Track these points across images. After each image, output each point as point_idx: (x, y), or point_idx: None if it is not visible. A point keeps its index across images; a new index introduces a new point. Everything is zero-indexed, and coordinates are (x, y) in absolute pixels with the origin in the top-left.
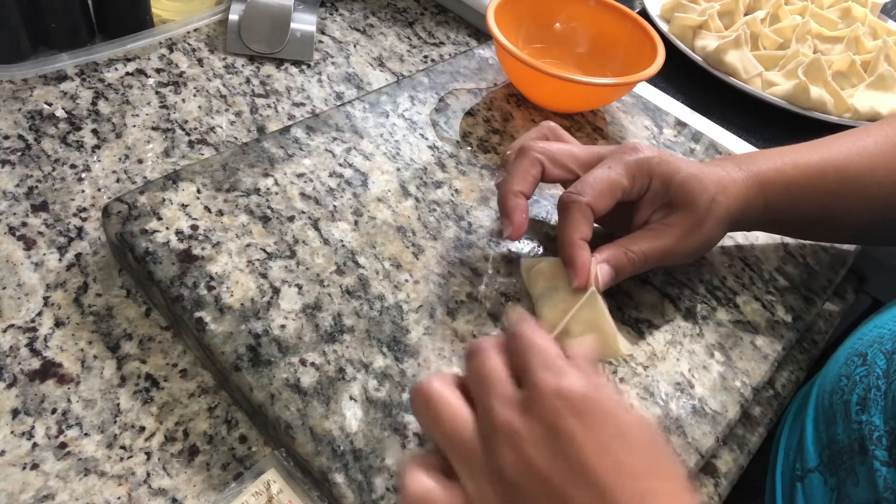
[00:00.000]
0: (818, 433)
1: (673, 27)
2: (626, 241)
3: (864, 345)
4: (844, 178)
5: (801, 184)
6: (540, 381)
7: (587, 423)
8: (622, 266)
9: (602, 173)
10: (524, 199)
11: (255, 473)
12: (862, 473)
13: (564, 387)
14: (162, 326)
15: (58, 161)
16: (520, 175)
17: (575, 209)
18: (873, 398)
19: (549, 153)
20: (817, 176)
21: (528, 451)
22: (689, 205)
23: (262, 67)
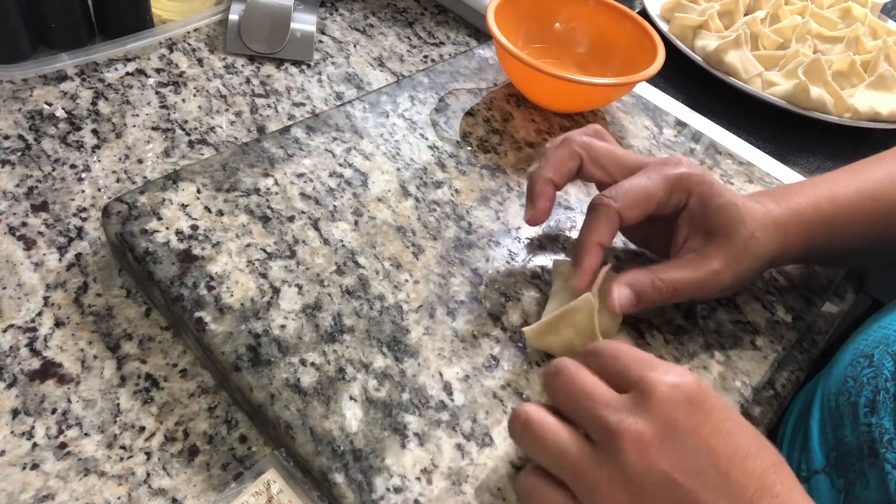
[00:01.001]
0: (824, 435)
1: (673, 27)
2: (658, 268)
3: (870, 346)
4: (882, 207)
5: (839, 218)
6: (650, 378)
7: (703, 413)
8: (646, 292)
9: (639, 181)
10: (553, 187)
11: (255, 473)
12: (872, 476)
13: (678, 381)
14: (162, 326)
15: (58, 161)
16: (555, 163)
17: (602, 212)
18: (882, 401)
19: (591, 150)
20: (855, 208)
21: (652, 450)
22: (727, 236)
23: (262, 67)
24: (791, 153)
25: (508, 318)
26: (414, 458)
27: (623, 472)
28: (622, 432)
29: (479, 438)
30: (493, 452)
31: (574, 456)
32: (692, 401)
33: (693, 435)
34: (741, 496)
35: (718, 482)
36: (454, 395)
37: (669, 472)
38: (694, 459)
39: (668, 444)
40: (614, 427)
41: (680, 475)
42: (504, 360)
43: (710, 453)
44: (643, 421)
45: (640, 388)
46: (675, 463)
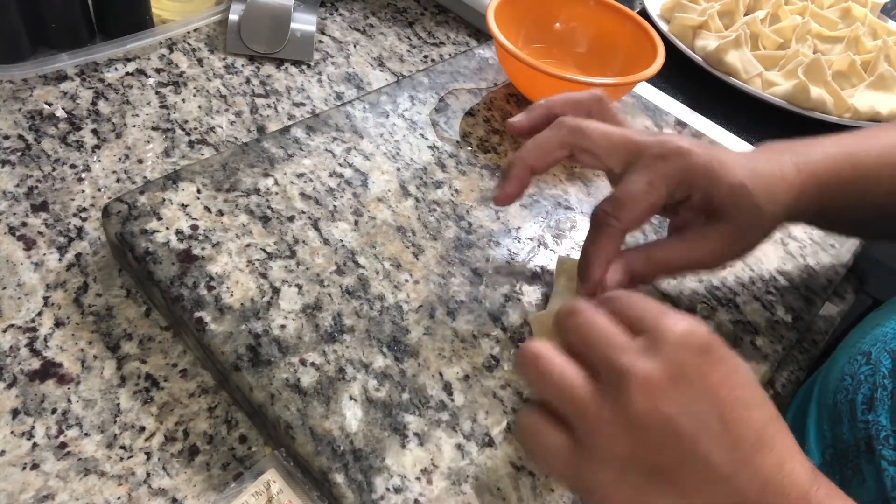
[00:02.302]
0: (821, 432)
1: (673, 27)
2: (653, 251)
3: (868, 343)
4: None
5: (858, 185)
6: (664, 325)
7: (712, 362)
8: (638, 271)
9: (640, 193)
10: (531, 173)
11: (255, 473)
12: (869, 473)
13: (691, 329)
14: (162, 326)
15: (58, 161)
16: (542, 152)
17: (608, 233)
18: (879, 398)
19: (582, 138)
20: (874, 176)
21: (658, 393)
22: (732, 217)
23: (262, 67)
24: None
25: (508, 318)
26: (414, 458)
27: (627, 412)
28: (631, 373)
29: (479, 438)
30: (493, 452)
31: (580, 392)
32: (703, 349)
33: (700, 382)
34: (739, 446)
35: (719, 431)
36: (454, 395)
37: (673, 416)
38: (698, 406)
39: (675, 388)
40: (624, 368)
41: (683, 420)
42: (504, 360)
43: (714, 402)
44: (652, 364)
45: (654, 333)
46: (680, 408)
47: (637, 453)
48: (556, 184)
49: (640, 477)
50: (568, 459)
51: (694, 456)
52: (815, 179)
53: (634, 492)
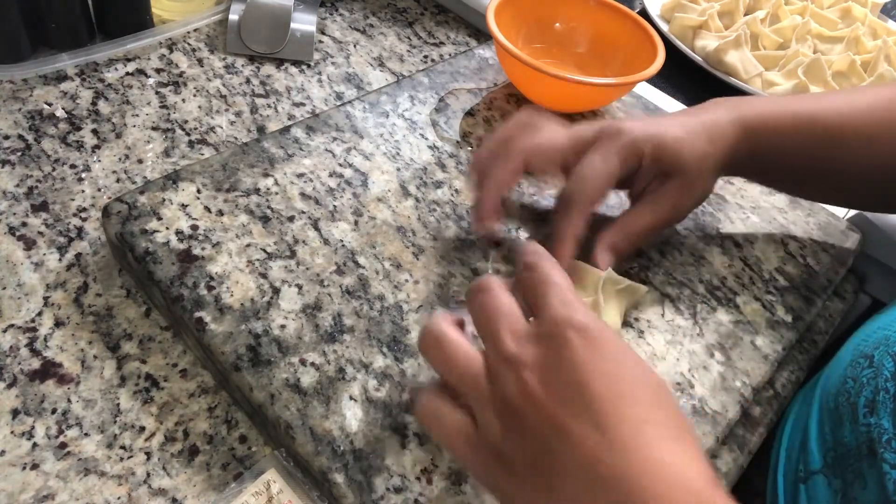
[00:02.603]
0: (823, 435)
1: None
2: (625, 223)
3: (870, 346)
4: (832, 135)
5: (787, 134)
6: (554, 312)
7: (595, 354)
8: (623, 248)
9: (599, 169)
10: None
11: (255, 473)
12: (870, 476)
13: (578, 318)
14: (162, 326)
15: (58, 161)
16: (501, 184)
17: (575, 209)
18: (882, 401)
19: (532, 156)
20: (806, 129)
21: (532, 379)
22: (680, 170)
23: (262, 67)
24: None
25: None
26: (414, 458)
27: (505, 397)
28: (510, 358)
29: None
30: None
31: (475, 374)
32: (587, 341)
33: (575, 371)
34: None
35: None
36: None
37: (546, 404)
38: (571, 394)
39: (549, 375)
40: (506, 353)
41: (555, 407)
42: None
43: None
44: (533, 352)
45: (543, 319)
46: (554, 396)
47: (518, 438)
48: (556, 184)
49: (522, 463)
50: (466, 443)
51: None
52: (745, 123)
53: (516, 479)
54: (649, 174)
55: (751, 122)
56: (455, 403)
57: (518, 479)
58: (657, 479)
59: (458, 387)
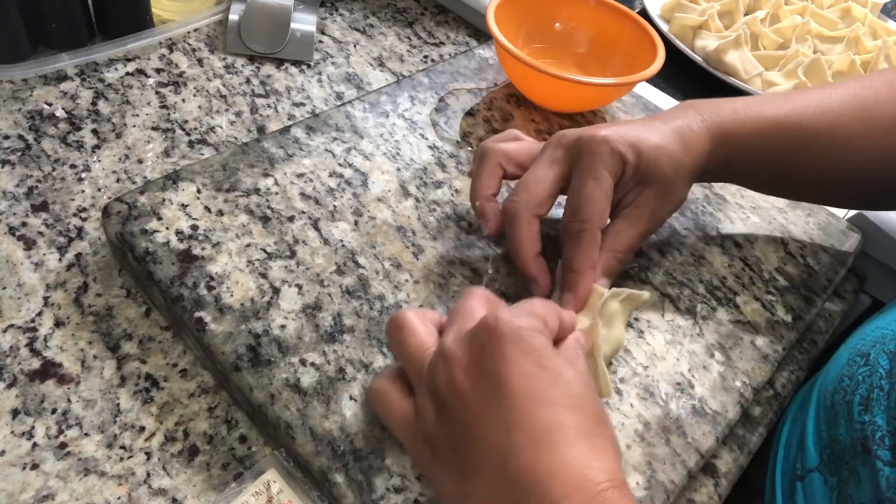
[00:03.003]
0: (819, 433)
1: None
2: (611, 243)
3: (867, 345)
4: (805, 136)
5: (761, 139)
6: (493, 314)
7: (518, 351)
8: (616, 268)
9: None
10: (495, 200)
11: (255, 473)
12: (864, 473)
13: (506, 318)
14: (162, 326)
15: (58, 161)
16: (486, 179)
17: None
18: (876, 398)
19: (506, 154)
20: (779, 132)
21: (456, 369)
22: (657, 176)
23: (262, 67)
24: None
25: None
26: None
27: (436, 387)
28: (443, 349)
29: None
30: None
31: (419, 364)
32: (512, 339)
33: (496, 366)
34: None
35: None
36: None
37: (466, 396)
38: (488, 387)
39: (472, 367)
40: (443, 347)
41: (470, 397)
42: None
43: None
44: (464, 346)
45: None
46: (474, 389)
47: (444, 425)
48: None
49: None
50: (406, 426)
51: (474, 434)
52: (720, 130)
53: (441, 464)
54: (630, 182)
55: (723, 128)
56: (405, 391)
57: (443, 464)
58: (560, 481)
59: (405, 367)
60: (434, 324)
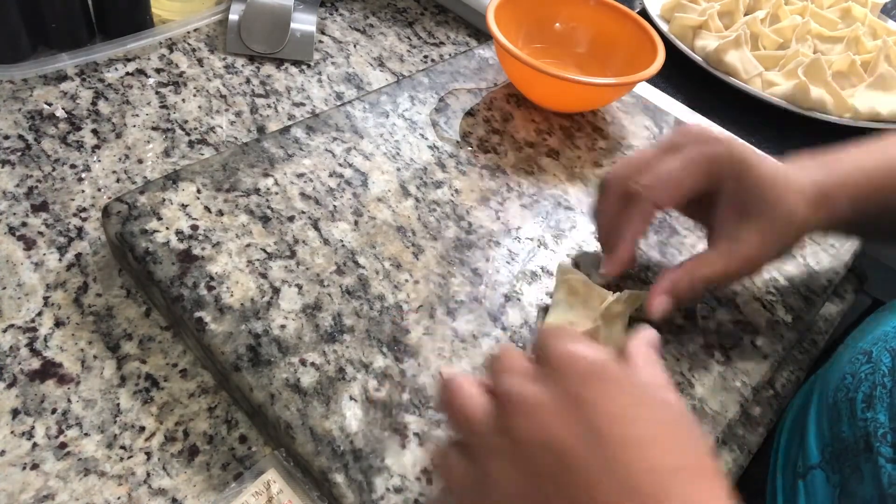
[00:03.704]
0: (821, 431)
1: (673, 27)
2: (694, 266)
3: (869, 343)
4: None
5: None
6: (554, 348)
7: (602, 389)
8: (684, 295)
9: (673, 169)
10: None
11: (255, 473)
12: (867, 470)
13: (576, 351)
14: (162, 326)
15: (58, 161)
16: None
17: (641, 210)
18: (879, 396)
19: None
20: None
21: (542, 416)
22: (761, 215)
23: (262, 67)
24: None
25: (508, 318)
26: (414, 458)
27: (510, 437)
28: (514, 396)
29: None
30: None
31: (475, 423)
32: (591, 374)
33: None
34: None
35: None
36: None
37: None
38: (581, 431)
39: (559, 413)
40: (511, 391)
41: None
42: None
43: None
44: (537, 389)
45: (545, 358)
46: (562, 432)
47: (522, 480)
48: (556, 184)
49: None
50: (470, 490)
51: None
52: (844, 181)
53: None
54: (731, 197)
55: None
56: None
57: None
58: None
59: (459, 431)
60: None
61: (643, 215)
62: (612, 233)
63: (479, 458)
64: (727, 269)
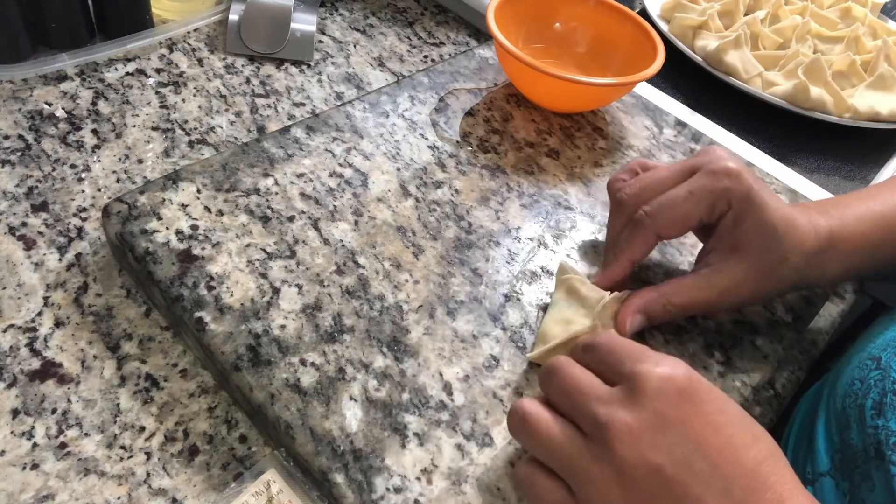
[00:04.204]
0: (830, 437)
1: (673, 27)
2: (669, 290)
3: (878, 348)
4: None
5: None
6: (641, 371)
7: (695, 405)
8: (656, 316)
9: (679, 200)
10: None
11: (255, 473)
12: (878, 479)
13: (668, 373)
14: (162, 326)
15: (58, 161)
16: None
17: (640, 233)
18: (890, 403)
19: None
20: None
21: (641, 442)
22: (754, 254)
23: (262, 67)
24: (791, 153)
25: (508, 318)
26: (414, 458)
27: (614, 465)
28: (611, 425)
29: (479, 438)
30: (493, 452)
31: (567, 450)
32: (682, 392)
33: (683, 426)
34: (731, 488)
35: (709, 474)
36: (454, 395)
37: (660, 464)
38: (683, 451)
39: (658, 436)
40: (603, 420)
41: (670, 467)
42: (504, 360)
43: (700, 445)
44: (632, 413)
45: (631, 381)
46: (665, 455)
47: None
48: (556, 184)
49: None
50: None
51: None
52: (845, 242)
53: None
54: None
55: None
56: (550, 472)
57: None
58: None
59: (550, 462)
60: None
61: (644, 242)
62: (613, 248)
63: (578, 485)
64: (703, 299)
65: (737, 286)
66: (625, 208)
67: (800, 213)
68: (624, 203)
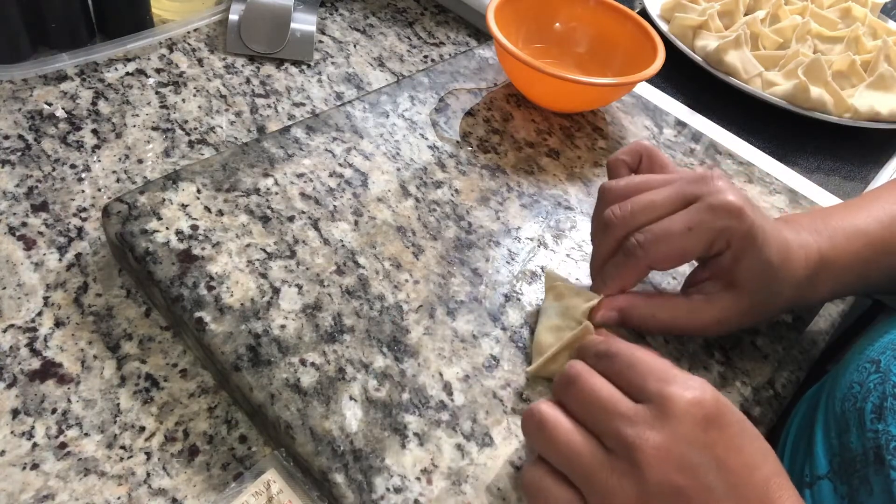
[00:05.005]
0: (828, 440)
1: (673, 27)
2: (659, 305)
3: (876, 351)
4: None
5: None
6: (670, 395)
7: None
8: (633, 323)
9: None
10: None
11: (255, 473)
12: (877, 483)
13: (697, 398)
14: (162, 326)
15: (58, 161)
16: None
17: (632, 263)
18: (889, 407)
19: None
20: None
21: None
22: (749, 293)
23: (262, 67)
24: (791, 153)
25: (508, 318)
26: (414, 458)
27: (638, 483)
28: (640, 447)
29: (479, 438)
30: (493, 452)
31: (587, 461)
32: (710, 418)
33: (709, 451)
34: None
35: (725, 494)
36: (454, 395)
37: (683, 486)
38: (706, 475)
39: (685, 460)
40: (632, 441)
41: (691, 489)
42: (504, 360)
43: (721, 469)
44: (661, 435)
45: (659, 403)
46: (690, 478)
47: None
48: (556, 184)
49: None
50: None
51: None
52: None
53: None
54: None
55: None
56: (562, 479)
57: None
58: None
59: (566, 470)
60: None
61: (636, 273)
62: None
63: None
64: (690, 325)
65: (728, 318)
66: (613, 231)
67: (792, 236)
68: (613, 225)
